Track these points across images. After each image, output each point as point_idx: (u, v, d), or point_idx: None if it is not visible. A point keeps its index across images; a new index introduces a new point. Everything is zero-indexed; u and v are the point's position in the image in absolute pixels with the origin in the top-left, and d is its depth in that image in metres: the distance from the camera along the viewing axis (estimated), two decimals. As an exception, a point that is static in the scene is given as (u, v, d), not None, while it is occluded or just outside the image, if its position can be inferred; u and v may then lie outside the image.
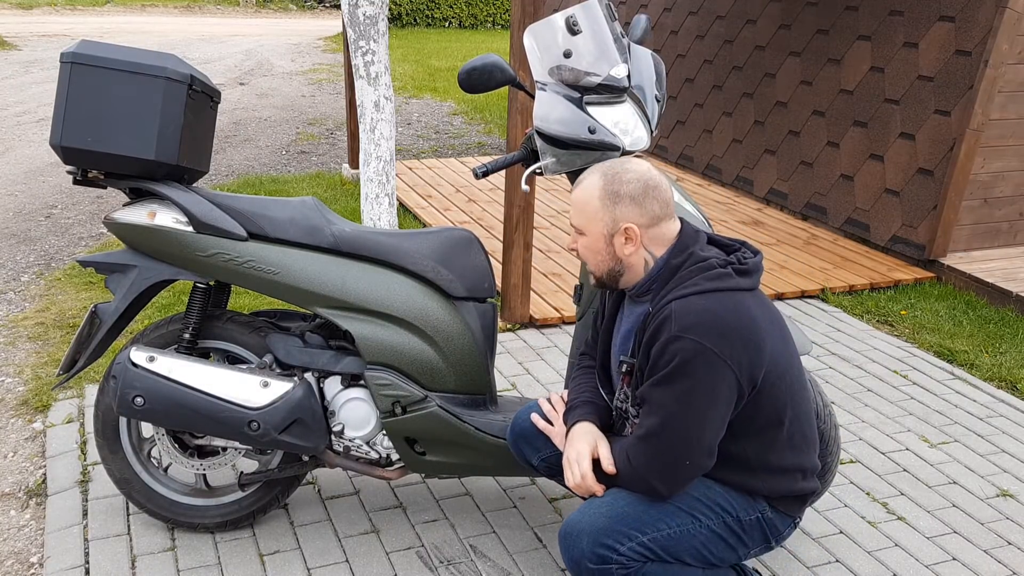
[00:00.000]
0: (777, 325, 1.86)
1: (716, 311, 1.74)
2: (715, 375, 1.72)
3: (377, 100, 4.06)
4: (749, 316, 1.77)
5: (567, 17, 2.23)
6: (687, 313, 1.74)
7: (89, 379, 3.31)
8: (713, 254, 1.86)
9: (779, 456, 1.88)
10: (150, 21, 16.76)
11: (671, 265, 1.84)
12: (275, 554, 2.43)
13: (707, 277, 1.80)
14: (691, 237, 1.90)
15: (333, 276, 2.24)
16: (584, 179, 1.90)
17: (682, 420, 1.74)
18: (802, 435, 1.90)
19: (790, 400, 1.85)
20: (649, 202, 1.84)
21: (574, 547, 1.83)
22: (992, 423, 3.35)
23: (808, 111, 5.63)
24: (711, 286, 1.78)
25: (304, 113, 9.02)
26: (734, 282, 1.80)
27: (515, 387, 3.44)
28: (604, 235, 1.87)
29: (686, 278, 1.81)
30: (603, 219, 1.85)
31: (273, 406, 2.22)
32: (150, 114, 2.10)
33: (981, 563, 2.54)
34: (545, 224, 5.39)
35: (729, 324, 1.73)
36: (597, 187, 1.86)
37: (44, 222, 5.34)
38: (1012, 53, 4.51)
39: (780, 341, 1.84)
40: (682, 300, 1.77)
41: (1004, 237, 5.04)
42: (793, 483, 1.91)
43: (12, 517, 2.60)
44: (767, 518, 1.92)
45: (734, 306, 1.76)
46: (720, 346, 1.71)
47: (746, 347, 1.74)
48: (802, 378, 1.90)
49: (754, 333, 1.76)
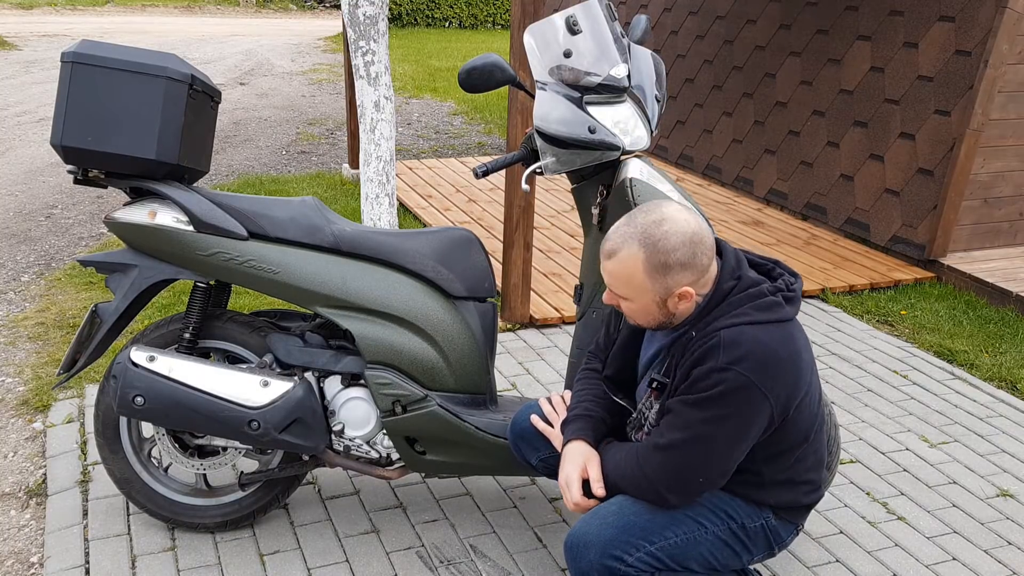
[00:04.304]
0: (810, 350, 1.82)
1: (766, 345, 1.68)
2: (753, 408, 1.69)
3: (377, 100, 4.06)
4: (796, 349, 1.72)
5: (567, 17, 2.23)
6: (737, 344, 1.67)
7: (89, 379, 3.31)
8: (759, 278, 1.78)
9: (791, 473, 1.87)
10: (150, 21, 16.76)
11: (721, 290, 1.75)
12: (275, 554, 2.43)
13: (758, 307, 1.72)
14: (735, 258, 1.80)
15: (333, 275, 2.24)
16: (619, 249, 1.73)
17: (708, 443, 1.71)
18: (816, 454, 1.89)
19: (812, 423, 1.83)
20: (699, 257, 1.72)
21: (582, 558, 1.79)
22: (992, 423, 3.35)
23: (808, 111, 5.63)
24: (763, 317, 1.71)
25: (304, 113, 9.02)
26: (783, 312, 1.73)
27: (515, 387, 3.44)
28: (656, 302, 1.75)
29: (736, 305, 1.73)
30: (653, 290, 1.73)
31: (273, 405, 2.22)
32: (151, 114, 2.10)
33: (981, 563, 2.54)
34: (545, 224, 5.39)
35: (778, 359, 1.68)
36: (639, 260, 1.70)
37: (44, 222, 5.34)
38: (1012, 53, 4.51)
39: (814, 368, 1.82)
40: (733, 330, 1.69)
41: (1004, 237, 5.04)
42: (801, 496, 1.90)
43: (12, 517, 2.60)
44: (771, 526, 1.91)
45: (783, 340, 1.70)
46: (765, 381, 1.67)
47: (788, 381, 1.70)
48: (821, 398, 1.89)
49: (797, 367, 1.72)
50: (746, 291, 1.74)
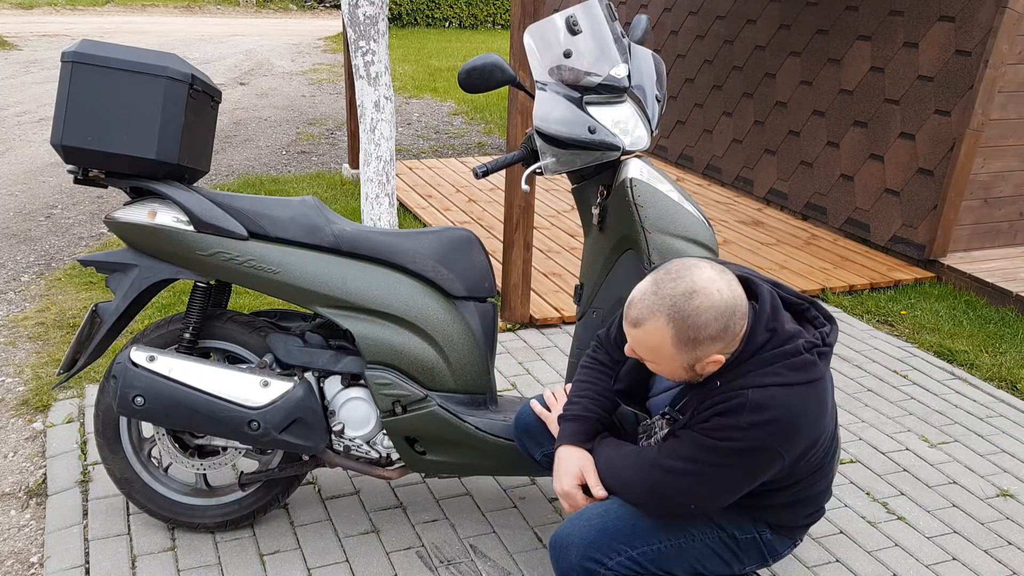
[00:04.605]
0: (833, 395, 1.77)
1: (794, 410, 1.61)
2: (766, 465, 1.66)
3: (377, 100, 4.06)
4: (823, 408, 1.66)
5: (567, 17, 2.23)
6: (764, 408, 1.60)
7: (89, 379, 3.31)
8: (794, 330, 1.67)
9: (795, 497, 1.85)
10: (150, 21, 16.76)
11: (754, 344, 1.64)
12: (275, 554, 2.43)
13: (791, 366, 1.62)
14: (770, 305, 1.67)
15: (334, 275, 2.24)
16: (644, 320, 1.61)
17: (711, 481, 1.68)
18: (825, 479, 1.86)
19: (824, 462, 1.82)
20: (732, 328, 1.61)
21: (563, 559, 1.81)
22: (992, 423, 3.35)
23: (808, 111, 5.63)
24: (795, 378, 1.62)
25: (304, 113, 9.02)
26: (816, 371, 1.64)
27: (515, 387, 3.44)
28: (683, 367, 1.67)
29: (768, 361, 1.63)
30: (680, 359, 1.64)
31: (273, 405, 2.22)
32: (151, 114, 2.10)
33: (981, 563, 2.54)
34: (545, 224, 5.39)
35: (804, 423, 1.63)
36: (667, 335, 1.60)
37: (44, 222, 5.34)
38: (1012, 53, 4.51)
39: (835, 412, 1.78)
40: (762, 392, 1.61)
41: (1004, 237, 5.04)
42: (800, 518, 1.89)
43: (12, 517, 2.60)
44: (766, 539, 1.89)
45: (812, 402, 1.63)
46: (784, 444, 1.63)
47: (808, 441, 1.66)
48: (836, 428, 1.86)
49: (820, 425, 1.67)
50: (780, 347, 1.63)
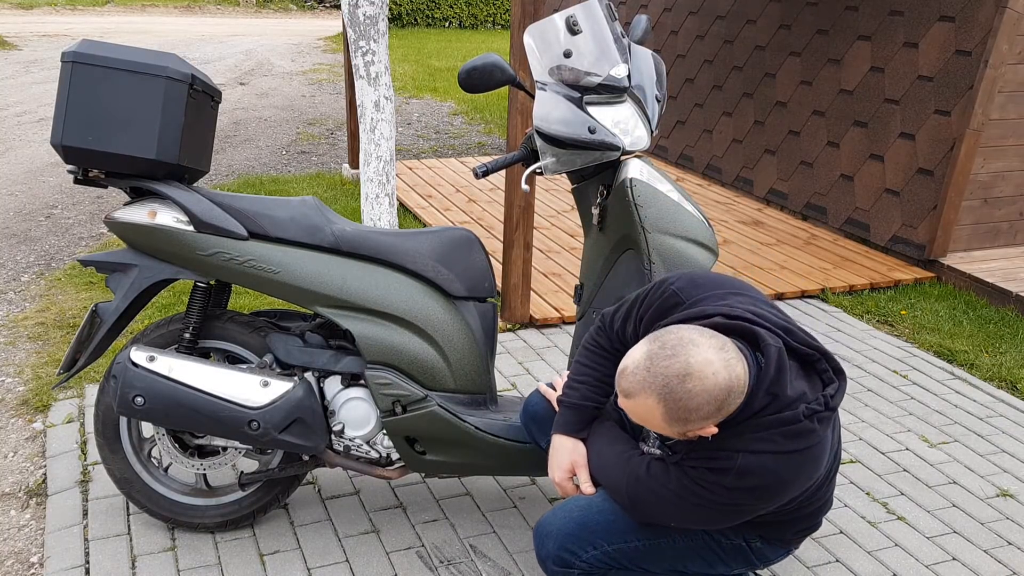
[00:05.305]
0: (837, 437, 1.74)
1: (782, 477, 1.58)
2: (749, 513, 1.65)
3: (377, 100, 4.06)
4: (816, 467, 1.62)
5: (567, 17, 2.23)
6: (751, 474, 1.58)
7: (89, 379, 3.31)
8: (797, 392, 1.59)
9: (780, 519, 1.84)
10: (150, 21, 16.76)
11: (751, 407, 1.58)
12: (275, 554, 2.43)
13: (788, 434, 1.57)
14: (773, 365, 1.58)
15: (334, 275, 2.24)
16: (635, 394, 1.55)
17: (692, 516, 1.69)
18: (822, 499, 1.84)
19: (818, 495, 1.80)
20: (726, 408, 1.54)
21: (542, 547, 1.87)
22: (992, 423, 3.35)
23: (808, 111, 5.63)
24: (790, 447, 1.57)
25: (304, 113, 9.02)
26: (814, 437, 1.59)
27: (515, 387, 3.44)
28: (675, 434, 1.62)
29: (765, 427, 1.58)
30: (672, 431, 1.59)
31: (273, 405, 2.22)
32: (151, 113, 2.10)
33: (981, 563, 2.54)
34: (545, 224, 5.39)
35: (792, 486, 1.61)
36: (658, 412, 1.54)
37: (44, 222, 5.34)
38: (1012, 53, 4.51)
39: (833, 449, 1.75)
40: (753, 457, 1.57)
41: (1004, 237, 5.04)
42: (790, 532, 1.88)
43: (12, 517, 2.60)
44: (755, 548, 1.88)
45: (805, 466, 1.60)
46: (769, 502, 1.63)
47: (796, 492, 1.65)
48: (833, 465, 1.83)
49: (811, 479, 1.65)
50: (779, 415, 1.57)
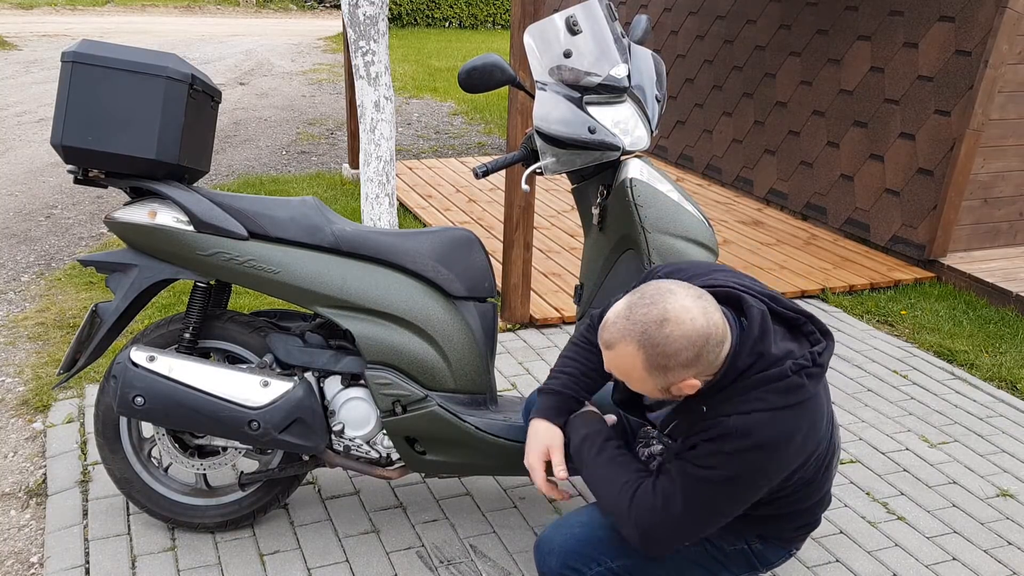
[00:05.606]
0: (829, 404, 1.72)
1: (779, 435, 1.57)
2: (759, 482, 1.62)
3: (377, 100, 4.06)
4: (813, 427, 1.62)
5: (567, 17, 2.23)
6: (747, 435, 1.56)
7: (89, 379, 3.31)
8: (783, 351, 1.61)
9: (776, 511, 1.83)
10: (150, 21, 16.76)
11: (736, 368, 1.59)
12: (275, 554, 2.43)
13: (776, 390, 1.57)
14: (759, 327, 1.60)
15: (334, 275, 2.24)
16: (616, 343, 1.57)
17: (706, 511, 1.64)
18: (820, 491, 1.84)
19: (816, 476, 1.79)
20: (705, 356, 1.55)
21: (544, 563, 1.84)
22: (992, 423, 3.35)
23: (808, 111, 5.63)
24: (781, 402, 1.57)
25: (304, 113, 9.02)
26: (804, 392, 1.59)
27: (515, 387, 3.44)
28: (658, 390, 1.62)
29: (752, 387, 1.58)
30: (654, 383, 1.59)
31: (273, 405, 2.22)
32: (151, 113, 2.10)
33: (981, 563, 2.54)
34: (545, 224, 5.39)
35: (792, 446, 1.59)
36: (638, 359, 1.55)
37: (44, 222, 5.34)
38: (1012, 53, 4.51)
39: (830, 416, 1.74)
40: (744, 417, 1.57)
41: (1004, 237, 5.04)
42: (788, 529, 1.87)
43: (12, 517, 2.60)
44: (755, 550, 1.88)
45: (802, 423, 1.60)
46: (774, 463, 1.59)
47: (796, 460, 1.63)
48: (833, 436, 1.82)
49: (812, 442, 1.63)
50: (765, 372, 1.58)
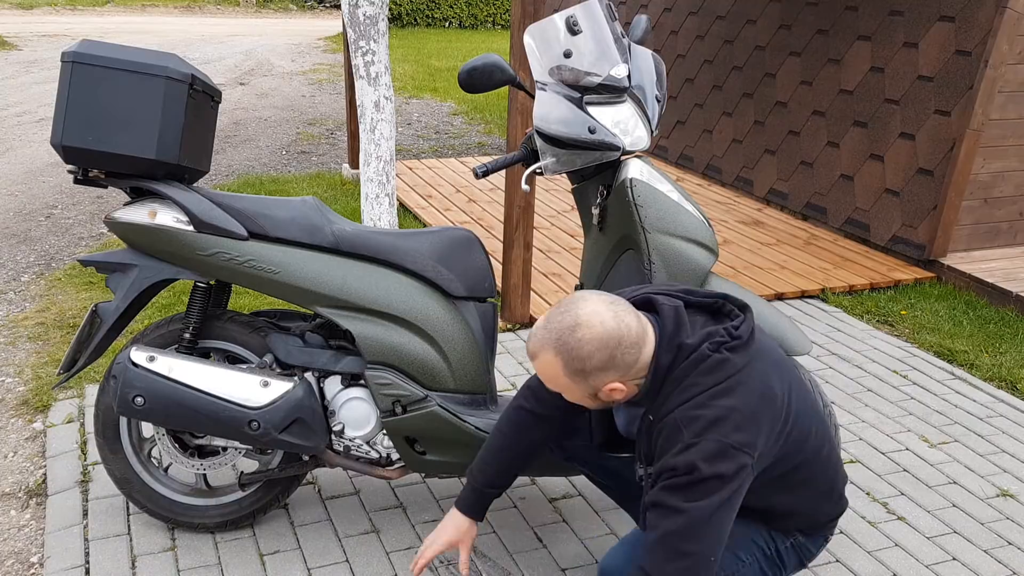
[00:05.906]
0: (781, 369, 1.72)
1: (726, 406, 1.60)
2: (737, 469, 1.60)
3: (377, 100, 4.06)
4: (758, 391, 1.64)
5: (567, 17, 2.23)
6: (695, 419, 1.60)
7: (89, 379, 3.31)
8: (700, 337, 1.67)
9: (799, 502, 1.86)
10: (150, 21, 16.76)
11: (662, 367, 1.66)
12: (275, 554, 2.43)
13: (703, 371, 1.63)
14: (671, 320, 1.68)
15: (334, 275, 2.24)
16: (537, 353, 1.65)
17: (700, 521, 1.61)
18: (825, 474, 1.84)
19: (806, 440, 1.78)
20: (620, 358, 1.62)
21: None
22: (992, 423, 3.35)
23: (808, 111, 5.63)
24: (713, 380, 1.63)
25: (304, 113, 9.02)
26: (733, 364, 1.64)
27: (515, 387, 3.44)
28: (587, 396, 1.69)
29: (681, 378, 1.64)
30: (579, 389, 1.67)
31: (273, 405, 2.22)
32: (151, 113, 2.10)
33: (981, 563, 2.54)
34: (545, 224, 5.39)
35: (743, 414, 1.60)
36: (558, 366, 1.63)
37: (44, 222, 5.34)
38: (1012, 53, 4.51)
39: (795, 386, 1.74)
40: (684, 407, 1.62)
41: (1004, 237, 5.04)
42: (822, 513, 1.91)
43: (12, 517, 2.60)
44: (800, 543, 1.93)
45: (743, 392, 1.62)
46: (736, 438, 1.59)
47: (761, 426, 1.63)
48: (824, 426, 1.83)
49: (768, 405, 1.64)
50: (688, 360, 1.64)
